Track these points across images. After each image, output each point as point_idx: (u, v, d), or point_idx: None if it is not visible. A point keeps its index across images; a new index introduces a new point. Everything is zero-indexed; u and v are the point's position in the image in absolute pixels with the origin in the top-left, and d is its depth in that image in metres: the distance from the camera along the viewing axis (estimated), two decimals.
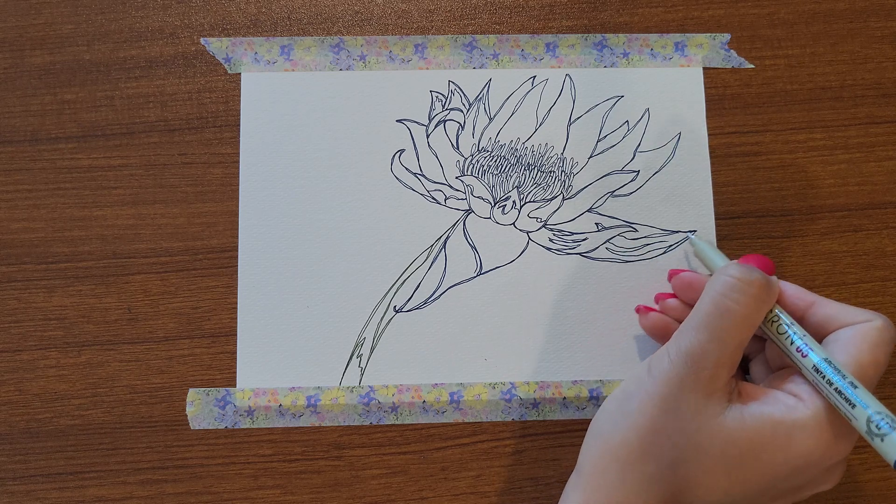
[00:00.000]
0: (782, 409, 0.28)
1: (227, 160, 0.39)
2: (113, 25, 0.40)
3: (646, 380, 0.30)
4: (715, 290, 0.30)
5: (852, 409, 0.27)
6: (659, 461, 0.29)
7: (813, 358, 0.29)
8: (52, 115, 0.40)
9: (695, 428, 0.28)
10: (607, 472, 0.29)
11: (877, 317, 0.29)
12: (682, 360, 0.29)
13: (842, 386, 0.27)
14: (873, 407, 0.27)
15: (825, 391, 0.28)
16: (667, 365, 0.29)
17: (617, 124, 0.40)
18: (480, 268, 0.39)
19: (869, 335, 0.29)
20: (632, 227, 0.39)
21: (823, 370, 0.28)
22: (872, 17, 0.41)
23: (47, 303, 0.38)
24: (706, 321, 0.29)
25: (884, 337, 0.29)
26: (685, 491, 0.29)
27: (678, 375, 0.29)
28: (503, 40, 0.40)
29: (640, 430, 0.29)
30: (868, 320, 0.29)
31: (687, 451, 0.28)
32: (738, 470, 0.28)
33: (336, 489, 0.37)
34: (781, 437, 0.28)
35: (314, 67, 0.40)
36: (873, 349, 0.28)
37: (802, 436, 0.28)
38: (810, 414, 0.28)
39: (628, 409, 0.30)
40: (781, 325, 0.30)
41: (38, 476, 0.37)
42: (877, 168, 0.40)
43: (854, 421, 0.27)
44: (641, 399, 0.29)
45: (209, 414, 0.38)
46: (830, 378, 0.28)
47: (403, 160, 0.40)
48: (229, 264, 0.39)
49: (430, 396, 0.38)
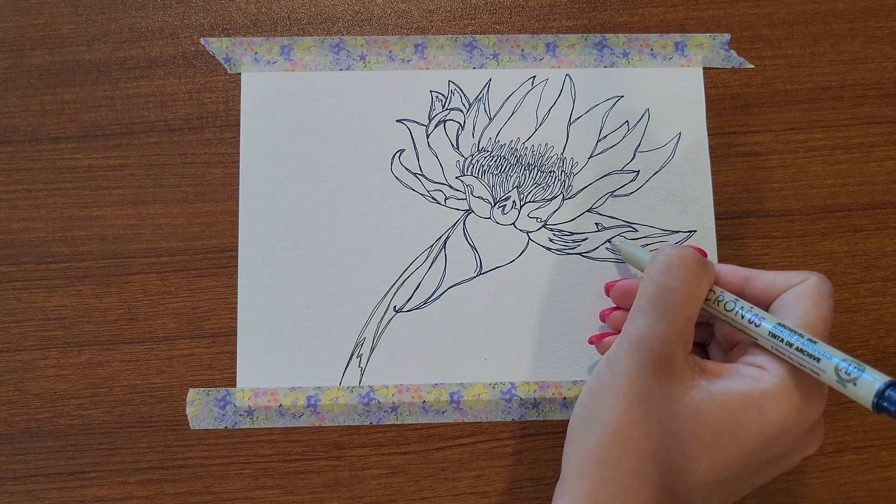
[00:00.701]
0: (749, 382, 0.28)
1: (227, 160, 0.39)
2: (113, 25, 0.41)
3: (606, 376, 0.30)
4: (654, 270, 0.30)
5: (818, 363, 0.27)
6: (638, 455, 0.29)
7: (767, 325, 0.29)
8: (52, 115, 0.40)
9: (665, 413, 0.28)
10: (588, 476, 0.29)
11: (810, 274, 0.30)
12: (635, 346, 0.29)
13: (802, 344, 0.27)
14: (837, 356, 0.27)
15: (786, 354, 0.28)
16: (622, 356, 0.29)
17: (617, 124, 0.40)
18: (480, 268, 0.39)
19: (809, 293, 0.29)
20: (632, 227, 0.39)
21: (780, 334, 0.28)
22: (872, 17, 0.41)
23: (47, 303, 0.38)
24: (651, 303, 0.29)
25: (822, 291, 0.29)
26: (670, 478, 0.29)
27: (635, 364, 0.29)
28: (503, 40, 0.41)
29: (612, 428, 0.29)
30: (804, 280, 0.30)
31: (662, 439, 0.28)
32: (716, 449, 0.28)
33: (336, 489, 0.37)
34: (752, 409, 0.28)
35: (314, 67, 0.40)
36: (817, 305, 0.29)
37: (772, 404, 0.28)
38: (776, 381, 0.28)
39: (595, 408, 0.30)
40: (727, 302, 0.30)
41: (38, 476, 0.37)
42: (877, 168, 0.40)
43: (822, 374, 0.27)
44: (606, 396, 0.29)
45: (209, 414, 0.38)
46: (789, 340, 0.28)
47: (403, 160, 0.40)
48: (229, 264, 0.39)
49: (430, 396, 0.38)
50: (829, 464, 0.38)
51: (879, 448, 0.38)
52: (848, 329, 0.39)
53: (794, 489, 0.38)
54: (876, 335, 0.39)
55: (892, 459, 0.38)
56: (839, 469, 0.38)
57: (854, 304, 0.39)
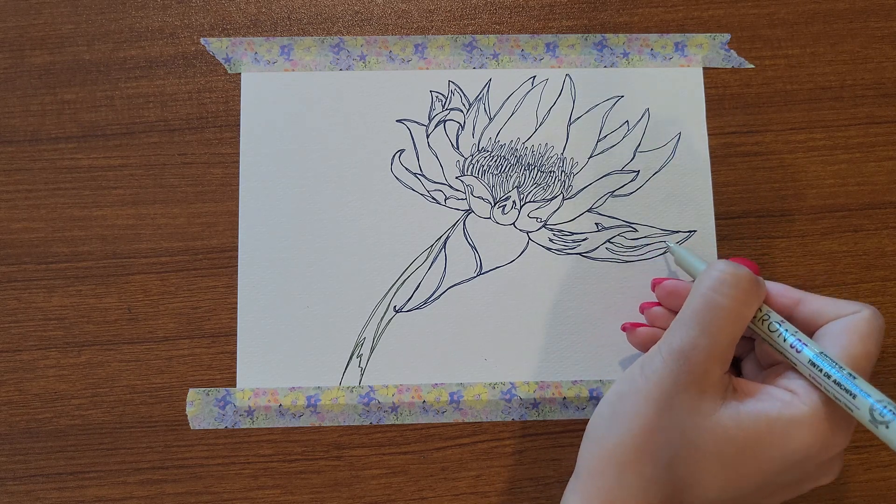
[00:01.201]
0: (778, 406, 0.28)
1: (227, 160, 0.39)
2: (113, 25, 0.40)
3: (638, 379, 0.30)
4: (704, 285, 0.30)
5: (853, 400, 0.27)
6: (655, 461, 0.29)
7: (808, 353, 0.28)
8: (52, 115, 0.40)
9: (690, 426, 0.28)
10: (604, 475, 0.29)
11: (864, 307, 0.29)
12: (674, 357, 0.29)
13: (841, 378, 0.27)
14: (874, 396, 0.27)
15: (823, 385, 0.28)
16: (659, 363, 0.29)
17: (617, 124, 0.40)
18: (480, 268, 0.39)
19: (858, 327, 0.29)
20: (632, 227, 0.39)
21: (820, 364, 0.28)
22: (872, 17, 0.41)
23: (47, 303, 0.38)
24: (697, 317, 0.29)
25: (872, 327, 0.29)
26: (683, 490, 0.29)
27: (671, 373, 0.29)
28: (503, 40, 0.41)
29: (634, 431, 0.29)
30: (856, 311, 0.29)
31: (683, 450, 0.28)
32: (735, 467, 0.28)
33: (336, 489, 0.37)
34: (778, 433, 0.28)
35: (314, 67, 0.40)
36: (864, 340, 0.28)
37: (800, 431, 0.28)
38: (807, 409, 0.28)
39: (622, 410, 0.30)
40: (772, 322, 0.30)
41: (38, 476, 0.37)
42: (877, 168, 0.40)
43: (856, 411, 0.27)
44: (635, 400, 0.29)
45: (209, 414, 0.38)
46: (828, 371, 0.28)
47: (403, 160, 0.40)
48: (229, 264, 0.39)
49: (430, 396, 0.38)
50: None
51: (879, 448, 0.38)
52: None
53: None
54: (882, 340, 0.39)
55: (892, 459, 0.38)
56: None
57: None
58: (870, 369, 0.29)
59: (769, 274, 0.39)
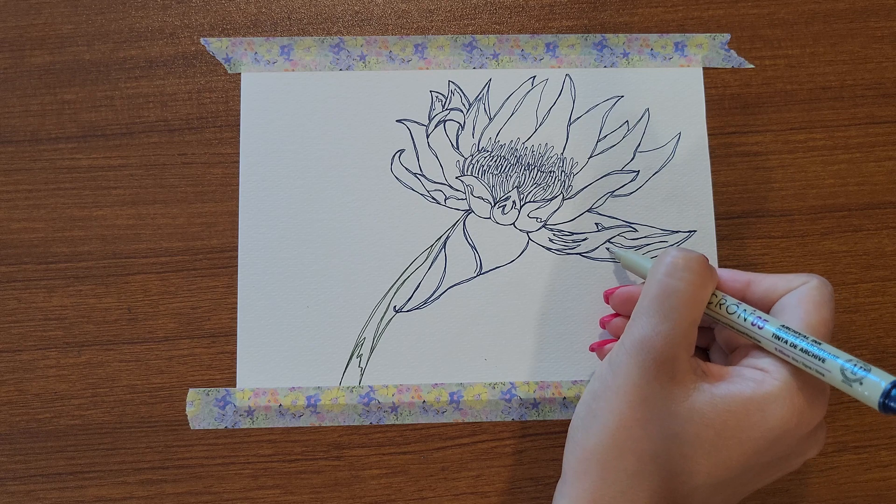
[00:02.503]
0: (751, 385, 0.28)
1: (227, 160, 0.39)
2: (113, 25, 0.40)
3: (608, 377, 0.30)
4: (659, 272, 0.30)
5: (823, 364, 0.27)
6: (638, 455, 0.29)
7: (770, 328, 0.29)
8: (52, 115, 0.40)
9: (666, 415, 0.28)
10: (588, 475, 0.29)
11: (811, 277, 0.30)
12: (638, 347, 0.29)
13: (807, 346, 0.27)
14: (842, 357, 0.27)
15: (790, 356, 0.28)
16: (624, 357, 0.29)
17: (617, 124, 0.40)
18: (480, 268, 0.39)
19: (810, 296, 0.29)
20: (632, 227, 0.39)
21: (784, 336, 0.28)
22: (872, 17, 0.41)
23: (47, 303, 0.38)
24: (655, 305, 0.29)
25: (824, 294, 0.29)
26: (670, 479, 0.29)
27: (637, 364, 0.29)
28: (503, 40, 0.40)
29: (612, 429, 0.29)
30: (805, 282, 0.30)
31: (663, 440, 0.28)
32: (717, 451, 0.28)
33: (336, 489, 0.37)
34: (755, 412, 0.28)
35: (314, 67, 0.40)
36: (819, 308, 0.29)
37: (775, 406, 0.28)
38: (779, 384, 0.28)
39: (597, 409, 0.30)
40: (729, 305, 0.30)
41: (38, 476, 0.37)
42: (877, 168, 0.40)
43: (827, 374, 0.27)
44: (608, 397, 0.29)
45: (209, 414, 0.38)
46: (793, 342, 0.28)
47: (403, 160, 0.40)
48: (229, 264, 0.39)
49: (430, 396, 0.38)
50: (828, 464, 0.38)
51: (879, 448, 0.38)
52: (847, 329, 0.39)
53: (794, 489, 0.38)
54: (875, 335, 0.39)
55: (891, 459, 0.38)
56: (839, 469, 0.38)
57: (853, 304, 0.39)
58: (829, 335, 0.29)
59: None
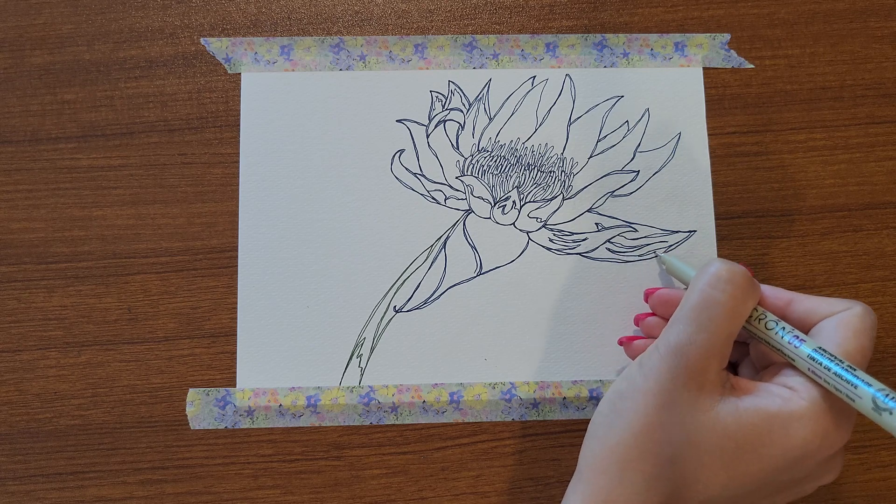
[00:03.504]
0: (778, 402, 0.28)
1: (227, 160, 0.39)
2: (113, 25, 0.40)
3: (637, 377, 0.30)
4: (702, 282, 0.30)
5: (855, 391, 0.27)
6: (656, 459, 0.29)
7: (806, 349, 0.29)
8: (52, 115, 0.40)
9: (690, 422, 0.28)
10: (606, 473, 0.29)
11: (855, 304, 0.30)
12: (672, 353, 0.29)
13: (840, 371, 0.27)
14: (875, 385, 0.27)
15: (823, 378, 0.28)
16: (657, 360, 0.29)
17: (617, 124, 0.40)
18: (480, 268, 0.39)
19: (851, 323, 0.29)
20: (632, 227, 0.39)
21: (819, 358, 0.28)
22: (872, 17, 0.41)
23: (47, 303, 0.38)
24: (694, 314, 0.29)
25: (865, 323, 0.29)
26: (685, 487, 0.29)
27: (669, 370, 0.29)
28: (503, 40, 0.40)
29: (635, 429, 0.29)
30: (847, 308, 0.29)
31: (683, 447, 0.28)
32: (736, 464, 0.28)
33: (336, 489, 0.37)
34: (778, 429, 0.28)
35: (314, 67, 0.40)
36: (858, 336, 0.29)
37: (800, 426, 0.28)
38: (806, 404, 0.28)
39: (622, 408, 0.30)
40: (769, 321, 0.30)
41: (38, 476, 0.37)
42: (877, 168, 0.40)
43: (858, 401, 0.27)
44: (634, 397, 0.29)
45: (209, 414, 0.38)
46: (828, 365, 0.28)
47: (403, 160, 0.40)
48: (229, 264, 0.39)
49: (430, 396, 0.38)
50: None
51: (879, 448, 0.38)
52: None
53: None
54: (875, 335, 0.39)
55: (891, 459, 0.38)
56: None
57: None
58: (865, 365, 0.29)
59: (769, 274, 0.39)
